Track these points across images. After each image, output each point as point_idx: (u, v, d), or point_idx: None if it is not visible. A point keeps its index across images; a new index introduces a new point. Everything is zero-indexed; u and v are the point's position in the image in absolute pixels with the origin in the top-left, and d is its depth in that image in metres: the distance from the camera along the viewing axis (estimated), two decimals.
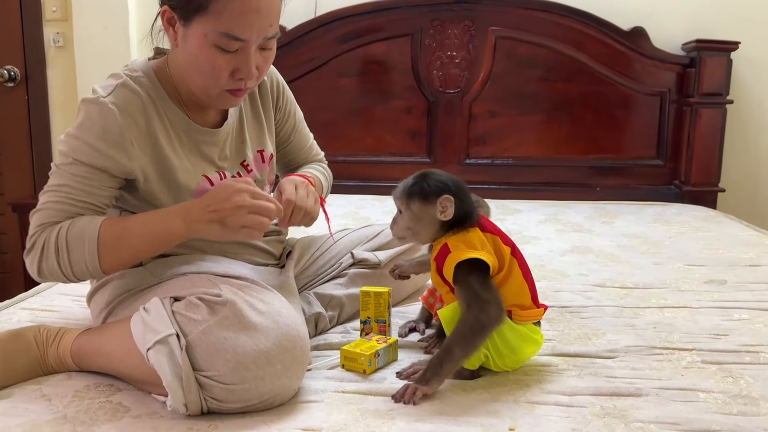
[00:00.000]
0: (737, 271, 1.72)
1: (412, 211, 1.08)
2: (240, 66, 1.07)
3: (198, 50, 1.06)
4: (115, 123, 1.06)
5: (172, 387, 0.91)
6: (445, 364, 1.00)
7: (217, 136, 1.21)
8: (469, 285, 1.03)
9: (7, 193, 2.93)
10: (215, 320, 0.94)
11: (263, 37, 1.06)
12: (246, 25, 1.03)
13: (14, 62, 2.89)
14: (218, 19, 1.02)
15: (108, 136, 1.06)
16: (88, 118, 1.06)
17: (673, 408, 0.98)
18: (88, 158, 1.06)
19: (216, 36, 1.03)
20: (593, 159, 2.76)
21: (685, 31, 2.71)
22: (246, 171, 1.26)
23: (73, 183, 1.06)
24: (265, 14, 1.04)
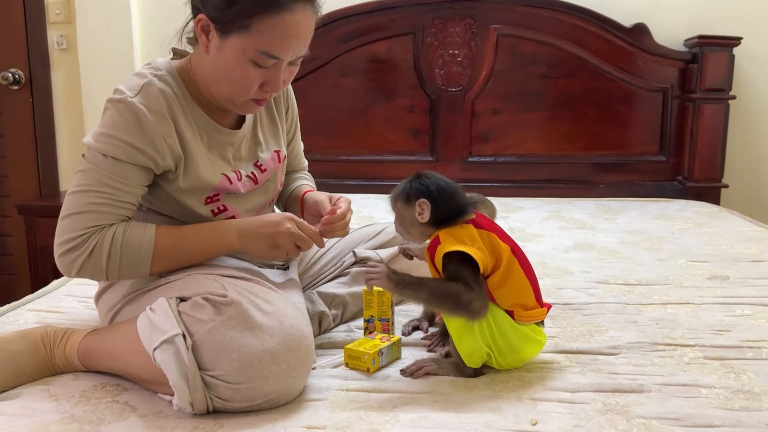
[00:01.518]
0: (740, 267, 1.72)
1: (397, 211, 1.14)
2: (270, 80, 1.11)
3: (234, 63, 1.09)
4: (146, 120, 1.07)
5: (178, 386, 0.92)
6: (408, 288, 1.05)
7: (235, 137, 1.23)
8: (460, 273, 1.05)
9: (13, 195, 2.95)
10: (221, 320, 0.95)
11: (296, 56, 1.11)
12: (286, 47, 1.07)
13: (18, 65, 2.91)
14: (259, 39, 1.05)
15: (142, 134, 1.07)
16: (119, 117, 1.07)
17: (675, 404, 0.99)
18: (126, 156, 1.07)
19: (254, 53, 1.07)
20: (596, 155, 2.76)
21: (687, 27, 2.71)
22: (260, 171, 1.28)
23: (114, 183, 1.07)
24: (304, 37, 1.09)
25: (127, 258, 1.08)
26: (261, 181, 1.28)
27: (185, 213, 1.19)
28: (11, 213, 2.87)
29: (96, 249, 1.07)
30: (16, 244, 2.94)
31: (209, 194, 1.18)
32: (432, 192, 1.09)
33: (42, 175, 2.96)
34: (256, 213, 1.28)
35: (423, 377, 1.08)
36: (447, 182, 1.11)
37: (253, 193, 1.26)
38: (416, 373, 1.09)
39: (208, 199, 1.19)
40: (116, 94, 1.09)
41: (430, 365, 1.10)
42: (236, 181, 1.21)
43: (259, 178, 1.27)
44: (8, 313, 1.41)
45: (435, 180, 1.11)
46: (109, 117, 1.08)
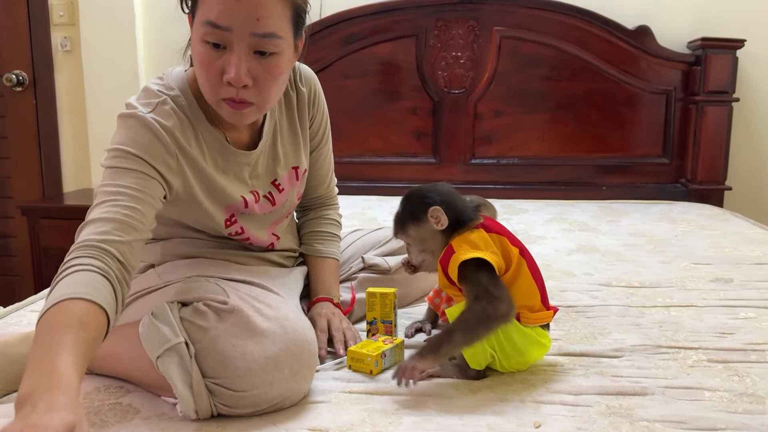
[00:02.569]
0: (744, 270, 1.72)
1: (413, 237, 1.11)
2: (225, 66, 1.00)
3: (194, 47, 1.02)
4: (161, 138, 1.03)
5: (182, 394, 0.92)
6: (443, 345, 1.02)
7: (250, 157, 1.17)
8: (478, 281, 1.03)
9: (16, 197, 2.96)
10: (223, 327, 0.95)
11: (250, 33, 0.98)
12: (225, 11, 0.97)
13: (22, 67, 2.91)
14: (204, 8, 0.99)
15: (155, 151, 1.02)
16: (133, 132, 1.02)
17: (679, 406, 0.98)
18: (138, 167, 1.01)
19: (201, 27, 0.99)
20: (599, 157, 2.76)
21: (691, 29, 2.71)
22: (278, 190, 1.24)
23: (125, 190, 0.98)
24: (249, 4, 0.97)
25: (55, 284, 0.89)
26: (279, 203, 1.24)
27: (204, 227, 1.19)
28: (14, 214, 2.87)
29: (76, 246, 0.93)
30: (20, 246, 2.95)
31: (227, 216, 1.16)
32: (435, 198, 1.09)
33: (45, 176, 2.96)
34: (269, 230, 1.27)
35: (426, 379, 1.08)
36: (439, 185, 1.12)
37: (268, 214, 1.24)
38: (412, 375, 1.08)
39: (227, 222, 1.17)
40: (128, 109, 1.05)
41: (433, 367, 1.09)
42: (253, 203, 1.18)
43: (276, 200, 1.23)
44: (11, 314, 1.41)
45: (428, 188, 1.11)
46: (124, 132, 1.03)
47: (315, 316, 1.24)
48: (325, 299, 1.29)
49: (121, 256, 0.92)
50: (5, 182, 3.00)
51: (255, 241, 1.24)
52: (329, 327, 1.22)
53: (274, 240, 1.29)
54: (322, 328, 1.21)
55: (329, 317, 1.24)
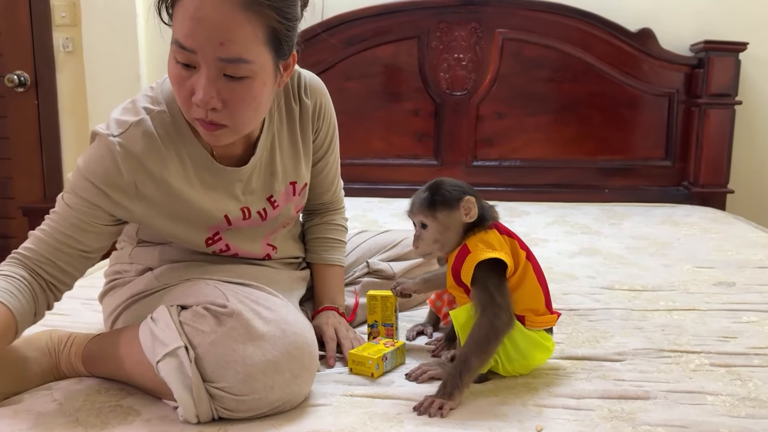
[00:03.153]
0: (746, 273, 1.71)
1: (439, 221, 1.07)
2: (194, 86, 0.96)
3: (168, 64, 1.01)
4: (120, 166, 1.02)
5: (183, 399, 0.91)
6: (464, 375, 1.00)
7: (240, 173, 1.14)
8: (487, 287, 1.03)
9: (17, 197, 2.96)
10: (223, 331, 0.94)
11: (216, 57, 0.94)
12: (189, 32, 0.94)
13: (24, 67, 2.92)
14: (174, 27, 0.97)
15: (111, 178, 1.02)
16: (94, 155, 1.03)
17: (681, 411, 0.98)
18: (87, 194, 1.03)
19: (173, 46, 0.97)
20: (601, 160, 2.76)
21: (693, 32, 2.71)
22: (272, 206, 1.20)
23: (65, 214, 1.04)
24: (212, 28, 0.92)
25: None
26: (270, 217, 1.21)
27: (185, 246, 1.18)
28: (16, 215, 2.88)
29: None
30: None
31: (209, 235, 1.15)
32: (468, 190, 1.08)
33: (46, 177, 2.97)
34: (263, 241, 1.24)
35: (428, 382, 1.07)
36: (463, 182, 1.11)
37: (257, 227, 1.21)
38: (420, 378, 1.08)
39: (209, 240, 1.15)
40: (103, 127, 1.04)
41: (434, 370, 1.09)
42: (239, 220, 1.15)
43: (268, 215, 1.20)
44: None
45: (457, 181, 1.10)
46: (88, 152, 1.04)
47: (322, 324, 1.23)
48: (330, 308, 1.28)
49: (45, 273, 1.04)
50: (7, 183, 3.00)
51: (245, 254, 1.22)
52: (337, 335, 1.21)
53: (270, 250, 1.26)
54: (330, 336, 1.20)
55: (336, 326, 1.23)
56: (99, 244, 1.07)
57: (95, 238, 1.06)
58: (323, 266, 1.35)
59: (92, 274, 1.73)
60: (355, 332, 1.24)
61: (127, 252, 1.23)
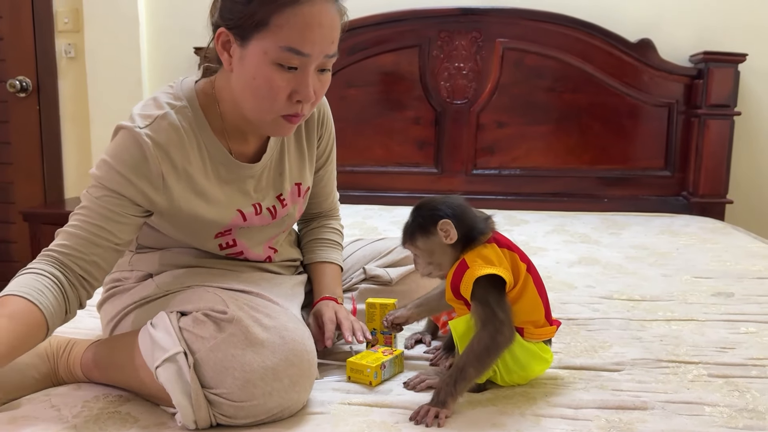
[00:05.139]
0: (745, 284, 1.72)
1: (421, 249, 1.09)
2: (298, 87, 1.03)
3: (256, 70, 1.02)
4: (149, 156, 1.03)
5: (181, 404, 0.92)
6: (459, 384, 1.00)
7: (254, 170, 1.17)
8: (487, 302, 1.02)
9: (18, 202, 2.96)
10: (222, 337, 0.94)
11: (324, 55, 1.03)
12: (308, 38, 1.00)
13: (26, 73, 2.93)
14: (279, 34, 0.99)
15: (140, 168, 1.03)
16: (122, 146, 1.04)
17: (679, 421, 0.98)
18: (115, 185, 1.03)
19: (276, 52, 1.00)
20: (601, 169, 2.77)
21: (693, 43, 2.72)
22: (281, 205, 1.23)
23: (95, 207, 1.03)
24: (328, 29, 1.02)
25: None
26: (279, 216, 1.24)
27: (192, 243, 1.19)
28: (16, 220, 2.88)
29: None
30: (21, 251, 2.95)
31: (220, 230, 1.16)
32: (446, 211, 1.07)
33: (48, 182, 2.97)
34: (266, 244, 1.26)
35: (426, 391, 1.07)
36: (451, 198, 1.10)
37: (266, 227, 1.24)
38: (419, 386, 1.08)
39: (218, 234, 1.17)
40: (128, 121, 1.06)
41: (433, 378, 1.09)
42: (252, 216, 1.18)
43: (278, 213, 1.23)
44: None
45: (440, 200, 1.09)
46: (114, 144, 1.05)
47: (321, 307, 1.23)
48: (330, 298, 1.28)
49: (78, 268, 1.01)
50: (8, 188, 3.01)
51: (249, 255, 1.23)
52: (337, 317, 1.20)
53: (271, 254, 1.28)
54: (330, 317, 1.19)
55: (336, 309, 1.22)
56: (129, 236, 1.07)
57: (126, 229, 1.05)
58: (321, 264, 1.35)
59: None
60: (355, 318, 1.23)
61: (127, 259, 1.23)
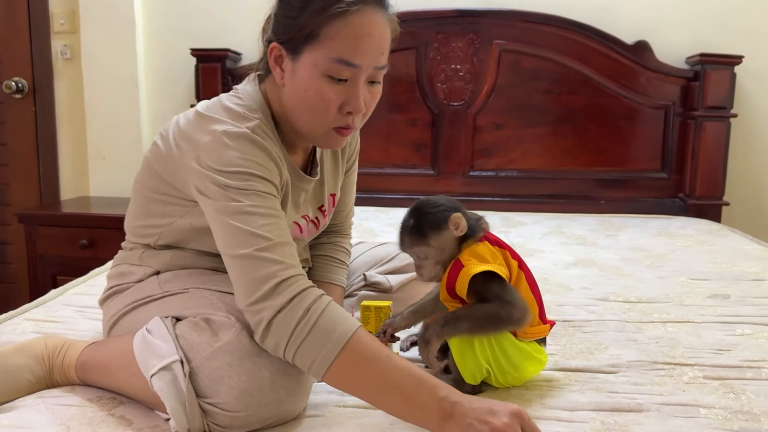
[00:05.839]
0: (741, 286, 1.72)
1: (434, 247, 1.08)
2: (349, 99, 1.03)
3: (307, 82, 1.02)
4: (267, 150, 1.03)
5: (176, 413, 0.90)
6: (446, 327, 1.01)
7: (311, 183, 1.18)
8: (490, 291, 1.03)
9: (14, 204, 2.96)
10: (218, 345, 0.93)
11: (374, 67, 1.03)
12: (359, 49, 1.00)
13: (22, 74, 2.92)
14: (329, 46, 1.00)
15: (265, 162, 1.02)
16: (243, 149, 1.00)
17: (675, 423, 0.98)
18: (263, 187, 0.99)
19: (327, 63, 1.00)
20: (598, 171, 2.77)
21: (689, 45, 2.72)
22: (323, 215, 1.25)
23: (266, 213, 0.97)
24: (378, 40, 1.02)
25: (311, 345, 0.90)
26: (321, 226, 1.25)
27: None
28: (12, 221, 2.87)
29: (291, 304, 0.92)
30: (16, 253, 2.95)
31: None
32: (449, 206, 1.08)
33: (43, 184, 2.97)
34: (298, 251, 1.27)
35: None
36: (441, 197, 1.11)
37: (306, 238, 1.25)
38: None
39: None
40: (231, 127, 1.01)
41: None
42: (305, 228, 1.19)
43: (320, 223, 1.25)
44: (6, 323, 1.40)
45: (437, 198, 1.10)
46: (233, 152, 0.99)
47: None
48: None
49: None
50: (3, 189, 3.00)
51: None
52: None
53: None
54: None
55: None
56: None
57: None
58: (324, 284, 1.35)
59: (86, 281, 1.73)
60: None
61: (137, 254, 1.21)
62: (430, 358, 1.02)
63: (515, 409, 0.86)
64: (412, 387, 0.88)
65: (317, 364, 0.90)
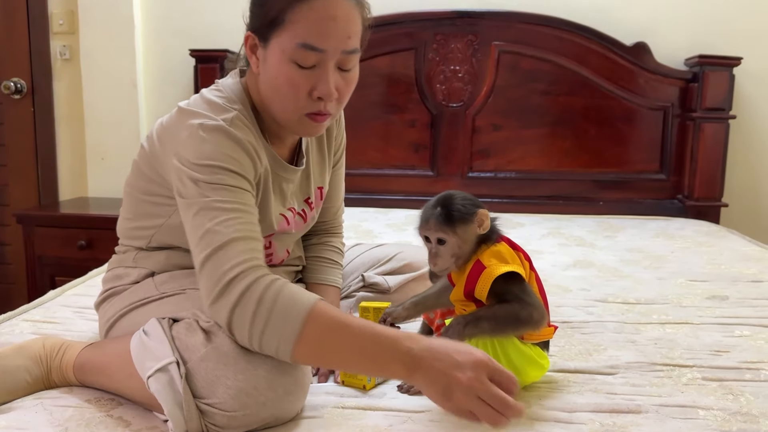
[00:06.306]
0: (739, 287, 1.72)
1: (458, 236, 1.06)
2: (317, 84, 1.03)
3: (277, 69, 1.03)
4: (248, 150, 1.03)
5: (173, 415, 0.90)
6: (468, 328, 1.01)
7: (296, 174, 1.19)
8: (509, 292, 1.03)
9: (12, 204, 2.95)
10: (214, 346, 0.94)
11: (341, 51, 1.03)
12: (322, 33, 1.00)
13: (21, 74, 2.92)
14: (294, 30, 1.01)
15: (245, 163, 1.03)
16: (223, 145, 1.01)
17: (673, 425, 0.98)
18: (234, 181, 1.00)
19: (293, 49, 1.01)
20: (596, 172, 2.77)
21: (688, 47, 2.72)
22: (309, 208, 1.25)
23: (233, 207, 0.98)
24: (343, 23, 1.02)
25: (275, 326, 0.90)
26: (309, 219, 1.26)
27: None
28: (10, 222, 2.87)
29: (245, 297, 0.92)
30: (15, 254, 2.94)
31: (266, 233, 1.15)
32: (477, 202, 1.08)
33: (42, 184, 2.96)
34: (287, 247, 1.26)
35: (419, 394, 1.07)
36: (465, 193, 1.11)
37: (297, 232, 1.25)
38: (412, 390, 1.08)
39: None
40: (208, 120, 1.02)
41: None
42: (292, 220, 1.20)
43: (308, 216, 1.25)
44: (4, 323, 1.40)
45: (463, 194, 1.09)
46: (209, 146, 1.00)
47: None
48: None
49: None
50: (2, 190, 2.99)
51: (275, 259, 1.25)
52: None
53: (286, 256, 1.30)
54: None
55: None
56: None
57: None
58: (319, 286, 1.35)
59: (84, 282, 1.73)
60: None
61: (131, 256, 1.22)
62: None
63: (478, 359, 0.86)
64: (373, 348, 0.90)
65: (282, 346, 0.91)
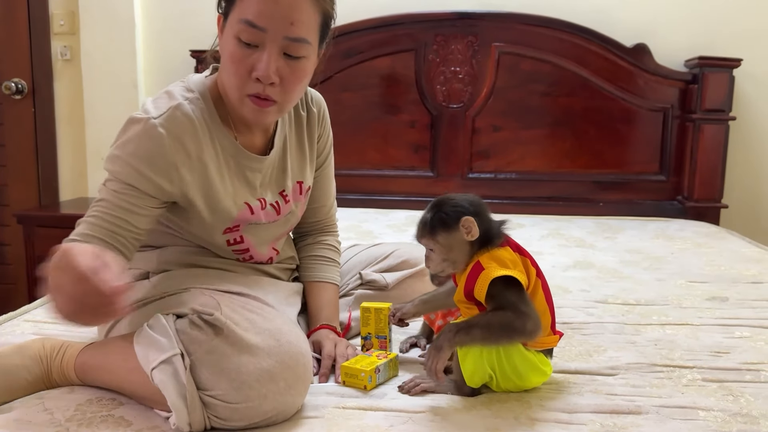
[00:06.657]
0: (739, 288, 1.72)
1: (441, 244, 1.08)
2: (256, 63, 1.04)
3: (224, 44, 1.06)
4: (162, 147, 1.05)
5: (176, 406, 0.91)
6: (459, 335, 1.01)
7: (263, 164, 1.19)
8: (506, 298, 1.03)
9: (12, 205, 2.95)
10: (218, 339, 0.95)
11: (283, 36, 1.03)
12: (263, 12, 1.02)
13: (22, 75, 2.92)
14: (241, 7, 1.04)
15: (153, 160, 1.04)
16: (134, 139, 1.05)
17: (673, 426, 0.98)
18: (129, 179, 1.04)
19: (236, 25, 1.03)
20: (596, 174, 2.77)
21: (688, 48, 2.72)
22: (284, 200, 1.26)
23: (113, 200, 1.04)
24: (285, 8, 1.03)
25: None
26: (283, 213, 1.25)
27: (201, 239, 1.19)
28: (10, 222, 2.87)
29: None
30: (15, 254, 2.94)
31: (229, 225, 1.17)
32: (468, 208, 1.07)
33: (42, 185, 2.96)
34: (270, 244, 1.27)
35: (420, 395, 1.07)
36: (470, 196, 1.11)
37: (272, 224, 1.25)
38: (413, 390, 1.08)
39: (227, 230, 1.18)
40: (140, 113, 1.06)
41: (427, 382, 1.09)
42: (259, 210, 1.20)
43: (282, 210, 1.25)
44: (5, 324, 1.40)
45: (461, 197, 1.09)
46: (125, 136, 1.06)
47: (322, 339, 1.22)
48: (327, 327, 1.28)
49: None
50: (2, 190, 3.00)
51: (255, 254, 1.25)
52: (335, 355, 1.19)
53: (274, 255, 1.30)
54: (329, 352, 1.18)
55: (336, 341, 1.22)
56: (148, 225, 1.09)
57: (145, 220, 1.08)
58: (317, 284, 1.36)
59: None
60: (354, 348, 1.23)
61: None
62: (438, 366, 1.02)
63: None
64: None
65: None
